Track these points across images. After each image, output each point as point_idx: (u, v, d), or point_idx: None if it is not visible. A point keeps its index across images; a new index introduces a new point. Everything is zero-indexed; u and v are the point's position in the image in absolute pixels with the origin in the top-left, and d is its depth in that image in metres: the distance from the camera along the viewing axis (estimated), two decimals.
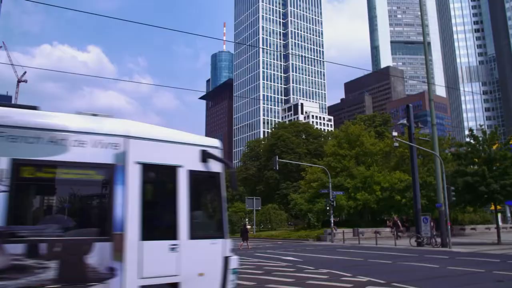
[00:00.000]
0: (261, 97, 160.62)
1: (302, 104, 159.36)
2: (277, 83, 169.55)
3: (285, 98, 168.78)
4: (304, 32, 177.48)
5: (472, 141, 33.58)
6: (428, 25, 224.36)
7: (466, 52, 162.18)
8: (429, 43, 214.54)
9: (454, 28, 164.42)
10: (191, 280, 6.95)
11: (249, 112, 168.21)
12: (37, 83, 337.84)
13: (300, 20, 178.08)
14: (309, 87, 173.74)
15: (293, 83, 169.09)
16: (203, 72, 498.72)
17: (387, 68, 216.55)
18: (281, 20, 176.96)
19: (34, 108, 6.60)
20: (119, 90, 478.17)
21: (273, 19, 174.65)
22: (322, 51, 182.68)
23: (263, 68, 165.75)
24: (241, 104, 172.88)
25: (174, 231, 6.89)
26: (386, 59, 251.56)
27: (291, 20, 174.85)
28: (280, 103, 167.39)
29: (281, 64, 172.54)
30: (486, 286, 11.68)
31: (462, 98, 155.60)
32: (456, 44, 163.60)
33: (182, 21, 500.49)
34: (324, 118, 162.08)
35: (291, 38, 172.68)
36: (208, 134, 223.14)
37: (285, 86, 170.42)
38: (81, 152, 6.29)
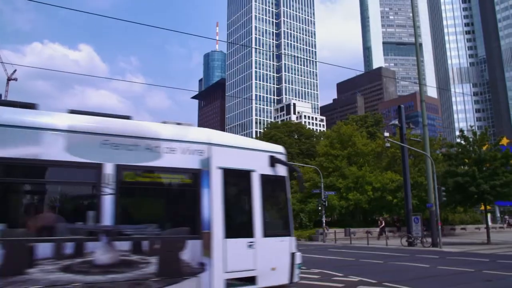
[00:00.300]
0: (254, 97, 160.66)
1: (294, 104, 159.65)
2: (270, 83, 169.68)
3: (278, 98, 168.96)
4: (296, 32, 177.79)
5: (462, 142, 33.86)
6: (419, 27, 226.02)
7: (457, 54, 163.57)
8: (420, 45, 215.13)
9: (445, 30, 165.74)
10: (265, 274, 7.88)
11: (242, 112, 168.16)
12: (28, 82, 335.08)
13: (293, 20, 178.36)
14: (301, 87, 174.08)
15: (285, 83, 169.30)
16: (195, 72, 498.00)
17: (379, 68, 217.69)
18: (274, 20, 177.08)
19: (127, 117, 7.47)
20: (111, 89, 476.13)
21: (266, 19, 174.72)
22: (315, 52, 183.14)
23: (256, 68, 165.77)
24: (234, 103, 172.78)
25: (251, 230, 7.89)
26: (378, 60, 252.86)
27: (284, 20, 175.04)
28: (272, 103, 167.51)
29: (273, 64, 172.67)
30: (475, 285, 11.77)
31: (453, 99, 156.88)
32: (447, 45, 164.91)
33: (175, 20, 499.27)
34: (316, 118, 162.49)
35: (284, 38, 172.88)
36: None
37: (277, 86, 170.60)
38: (172, 158, 7.28)
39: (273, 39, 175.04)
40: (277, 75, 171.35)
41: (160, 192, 7.52)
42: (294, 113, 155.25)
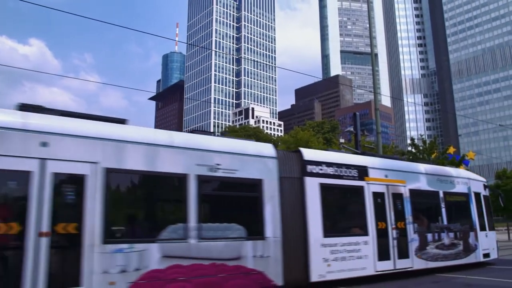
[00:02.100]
0: (212, 100, 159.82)
1: (253, 109, 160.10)
2: (229, 86, 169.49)
3: (236, 102, 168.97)
4: (257, 37, 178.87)
5: (413, 149, 35.08)
6: (376, 37, 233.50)
7: (410, 65, 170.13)
8: (376, 55, 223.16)
9: (399, 42, 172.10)
10: (491, 251, 14.95)
11: (200, 115, 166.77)
12: None
13: (254, 25, 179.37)
14: (260, 92, 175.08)
15: (244, 87, 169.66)
16: (153, 72, 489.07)
17: (337, 76, 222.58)
18: (235, 24, 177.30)
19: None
20: (64, 86, 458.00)
21: (226, 22, 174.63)
22: (274, 57, 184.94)
23: (215, 71, 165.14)
24: (192, 106, 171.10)
25: (485, 227, 14.88)
26: (336, 68, 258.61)
27: (244, 25, 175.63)
28: (231, 107, 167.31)
29: (233, 68, 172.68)
30: None
31: (406, 108, 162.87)
32: (401, 57, 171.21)
33: (134, 19, 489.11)
34: (274, 123, 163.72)
35: (244, 42, 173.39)
36: None
37: (236, 90, 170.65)
38: (459, 186, 14.34)
39: (233, 43, 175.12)
40: (237, 79, 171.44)
41: (456, 206, 14.07)
42: (253, 118, 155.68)
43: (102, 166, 7.16)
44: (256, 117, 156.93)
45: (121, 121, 8.18)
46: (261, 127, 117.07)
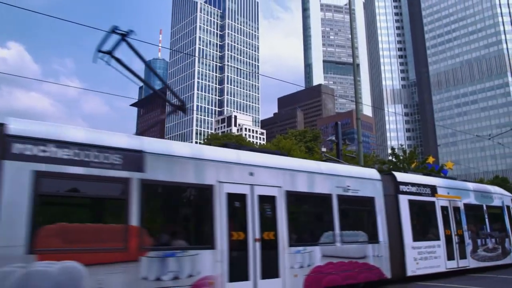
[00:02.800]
0: (195, 108, 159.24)
1: (235, 117, 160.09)
2: (212, 94, 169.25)
3: (219, 109, 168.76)
4: (240, 45, 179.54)
5: (393, 159, 35.52)
6: (357, 48, 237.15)
7: (391, 76, 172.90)
8: (358, 65, 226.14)
9: (381, 53, 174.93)
10: None
11: (182, 122, 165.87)
12: None
13: (237, 34, 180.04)
14: (243, 100, 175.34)
15: (227, 95, 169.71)
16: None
17: (319, 85, 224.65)
18: (219, 32, 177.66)
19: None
20: (43, 91, 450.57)
21: (210, 30, 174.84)
22: (258, 65, 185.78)
23: (198, 78, 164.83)
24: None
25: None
26: (318, 77, 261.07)
27: (228, 33, 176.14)
28: (213, 115, 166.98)
29: (216, 76, 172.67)
30: None
31: (386, 118, 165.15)
32: (382, 67, 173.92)
33: (117, 24, 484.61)
34: (256, 131, 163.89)
35: (228, 50, 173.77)
36: None
37: (219, 98, 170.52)
38: (495, 201, 17.27)
39: (216, 51, 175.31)
40: (220, 86, 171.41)
41: (495, 217, 16.72)
42: (235, 125, 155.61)
43: (284, 189, 9.82)
44: (239, 125, 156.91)
45: (284, 154, 11.63)
46: (244, 135, 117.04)
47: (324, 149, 31.99)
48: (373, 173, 12.72)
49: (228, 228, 8.52)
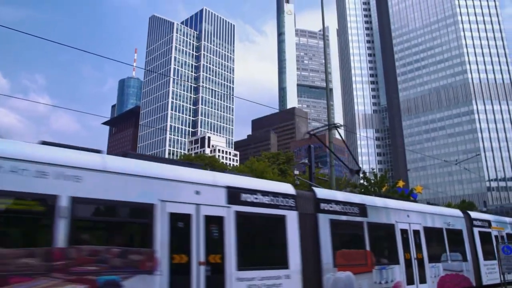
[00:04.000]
0: (168, 128, 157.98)
1: (209, 138, 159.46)
2: (186, 114, 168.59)
3: (193, 130, 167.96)
4: (216, 67, 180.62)
5: (365, 182, 35.94)
6: (331, 73, 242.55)
7: (363, 101, 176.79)
8: (331, 89, 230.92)
9: (353, 78, 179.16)
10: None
11: (155, 142, 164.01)
12: None
13: (213, 55, 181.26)
14: (217, 121, 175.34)
15: (201, 116, 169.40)
16: (109, 97, 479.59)
17: (293, 109, 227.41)
18: (194, 53, 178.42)
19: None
20: (10, 107, 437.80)
21: (186, 51, 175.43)
22: (232, 87, 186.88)
23: (173, 98, 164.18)
24: (147, 133, 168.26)
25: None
26: (292, 100, 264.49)
27: (204, 54, 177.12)
28: (187, 135, 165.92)
29: (191, 96, 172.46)
30: None
31: (358, 142, 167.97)
32: (354, 93, 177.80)
33: (92, 42, 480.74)
34: (230, 153, 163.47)
35: (203, 71, 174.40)
36: None
37: (193, 118, 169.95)
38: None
39: (192, 71, 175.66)
40: (194, 107, 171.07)
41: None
42: (209, 147, 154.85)
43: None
44: (212, 146, 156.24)
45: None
46: (217, 157, 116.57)
47: (297, 172, 32.07)
48: (456, 212, 17.43)
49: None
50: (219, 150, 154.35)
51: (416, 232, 13.79)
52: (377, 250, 12.13)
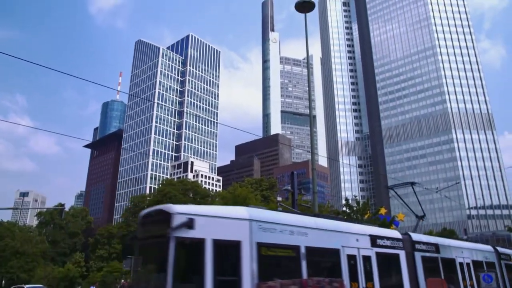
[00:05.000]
0: (151, 152, 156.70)
1: (192, 163, 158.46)
2: (169, 139, 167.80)
3: (176, 154, 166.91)
4: (200, 92, 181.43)
5: (347, 210, 35.98)
6: (314, 100, 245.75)
7: (346, 128, 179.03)
8: (314, 117, 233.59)
9: (336, 106, 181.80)
10: None
11: (137, 166, 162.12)
12: None
13: (198, 80, 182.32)
14: (201, 146, 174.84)
15: (185, 140, 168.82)
16: (92, 120, 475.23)
17: (276, 135, 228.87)
18: (179, 78, 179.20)
19: None
20: None
21: (171, 75, 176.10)
22: (217, 113, 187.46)
23: (156, 122, 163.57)
24: (129, 156, 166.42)
25: None
26: (276, 127, 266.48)
27: (189, 79, 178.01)
28: (170, 160, 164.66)
29: (174, 121, 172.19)
30: None
31: (341, 169, 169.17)
32: (337, 120, 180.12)
33: (76, 64, 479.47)
34: (213, 178, 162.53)
35: (188, 96, 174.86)
36: (90, 185, 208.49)
37: (176, 143, 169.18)
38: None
39: (176, 96, 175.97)
40: (178, 131, 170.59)
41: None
42: (191, 171, 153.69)
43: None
44: (195, 171, 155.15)
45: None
46: (200, 182, 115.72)
47: (279, 198, 31.96)
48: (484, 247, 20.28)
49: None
50: (202, 175, 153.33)
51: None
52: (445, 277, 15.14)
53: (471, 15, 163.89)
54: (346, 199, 38.09)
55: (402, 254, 12.88)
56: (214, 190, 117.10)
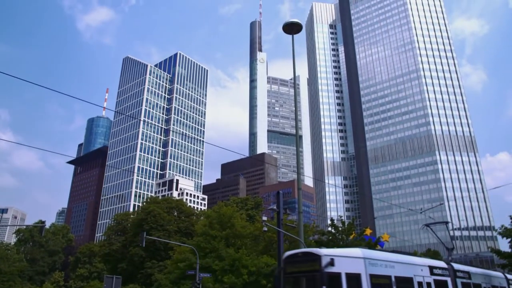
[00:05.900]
0: (136, 169, 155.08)
1: (177, 181, 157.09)
2: (155, 156, 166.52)
3: (161, 172, 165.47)
4: (187, 110, 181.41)
5: (333, 230, 35.95)
6: (301, 120, 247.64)
7: (332, 149, 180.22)
8: (301, 137, 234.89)
9: (322, 126, 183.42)
10: None
11: (121, 183, 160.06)
12: None
13: (185, 98, 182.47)
14: (186, 164, 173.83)
15: (171, 158, 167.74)
16: (76, 136, 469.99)
17: (263, 154, 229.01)
18: (166, 96, 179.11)
19: None
20: None
21: (158, 93, 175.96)
22: (203, 131, 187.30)
23: (142, 139, 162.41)
24: (114, 173, 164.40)
25: None
26: (262, 146, 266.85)
27: (176, 97, 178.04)
28: (155, 177, 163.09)
29: (161, 138, 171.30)
30: None
31: (327, 189, 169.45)
32: (323, 140, 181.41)
33: (63, 79, 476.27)
34: (198, 196, 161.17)
35: (174, 114, 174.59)
36: (72, 202, 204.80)
37: (162, 161, 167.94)
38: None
39: (163, 113, 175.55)
40: (163, 149, 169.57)
41: None
42: (176, 189, 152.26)
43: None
44: (180, 189, 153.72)
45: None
46: (185, 200, 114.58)
47: (265, 218, 31.75)
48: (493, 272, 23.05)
49: None
50: (187, 193, 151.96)
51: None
52: None
53: (453, 40, 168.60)
54: (332, 220, 38.06)
55: (449, 280, 16.34)
56: (199, 209, 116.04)
